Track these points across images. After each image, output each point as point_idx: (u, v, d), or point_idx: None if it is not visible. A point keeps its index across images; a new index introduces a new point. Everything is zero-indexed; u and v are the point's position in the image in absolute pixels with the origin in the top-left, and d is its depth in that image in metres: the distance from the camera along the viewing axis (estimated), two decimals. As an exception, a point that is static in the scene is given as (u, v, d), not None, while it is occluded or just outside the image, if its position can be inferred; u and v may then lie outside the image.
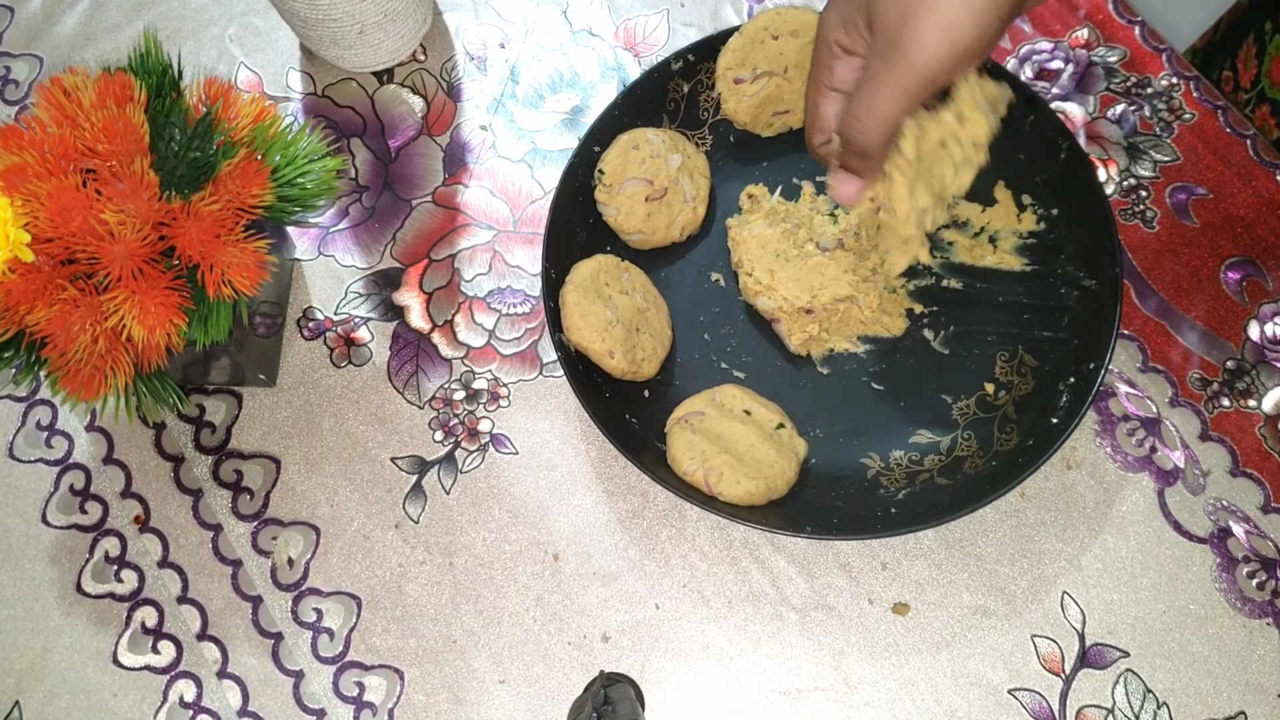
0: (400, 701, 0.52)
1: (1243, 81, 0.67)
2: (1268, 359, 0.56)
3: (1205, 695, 0.51)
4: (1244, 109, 0.67)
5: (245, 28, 0.67)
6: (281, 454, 0.57)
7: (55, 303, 0.44)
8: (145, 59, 0.49)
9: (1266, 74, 0.64)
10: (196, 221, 0.45)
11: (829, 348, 0.57)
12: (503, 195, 0.62)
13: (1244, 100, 0.67)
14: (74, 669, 0.53)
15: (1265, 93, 0.64)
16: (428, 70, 0.65)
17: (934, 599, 0.53)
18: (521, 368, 0.58)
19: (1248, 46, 0.67)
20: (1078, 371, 0.53)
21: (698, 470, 0.51)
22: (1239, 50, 0.68)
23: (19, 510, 0.56)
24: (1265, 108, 0.65)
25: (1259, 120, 0.66)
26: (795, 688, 0.52)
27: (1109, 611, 0.53)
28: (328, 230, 0.61)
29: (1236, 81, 0.68)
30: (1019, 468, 0.50)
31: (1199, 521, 0.54)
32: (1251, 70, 0.66)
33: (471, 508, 0.55)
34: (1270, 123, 0.64)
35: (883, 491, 0.53)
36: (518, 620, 0.53)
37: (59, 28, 0.67)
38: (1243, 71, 0.67)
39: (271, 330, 0.58)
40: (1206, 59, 0.73)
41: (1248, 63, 0.66)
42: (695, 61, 0.59)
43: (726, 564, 0.54)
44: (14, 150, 0.44)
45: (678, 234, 0.58)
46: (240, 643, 0.54)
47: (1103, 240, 0.54)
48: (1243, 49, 0.68)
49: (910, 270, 0.58)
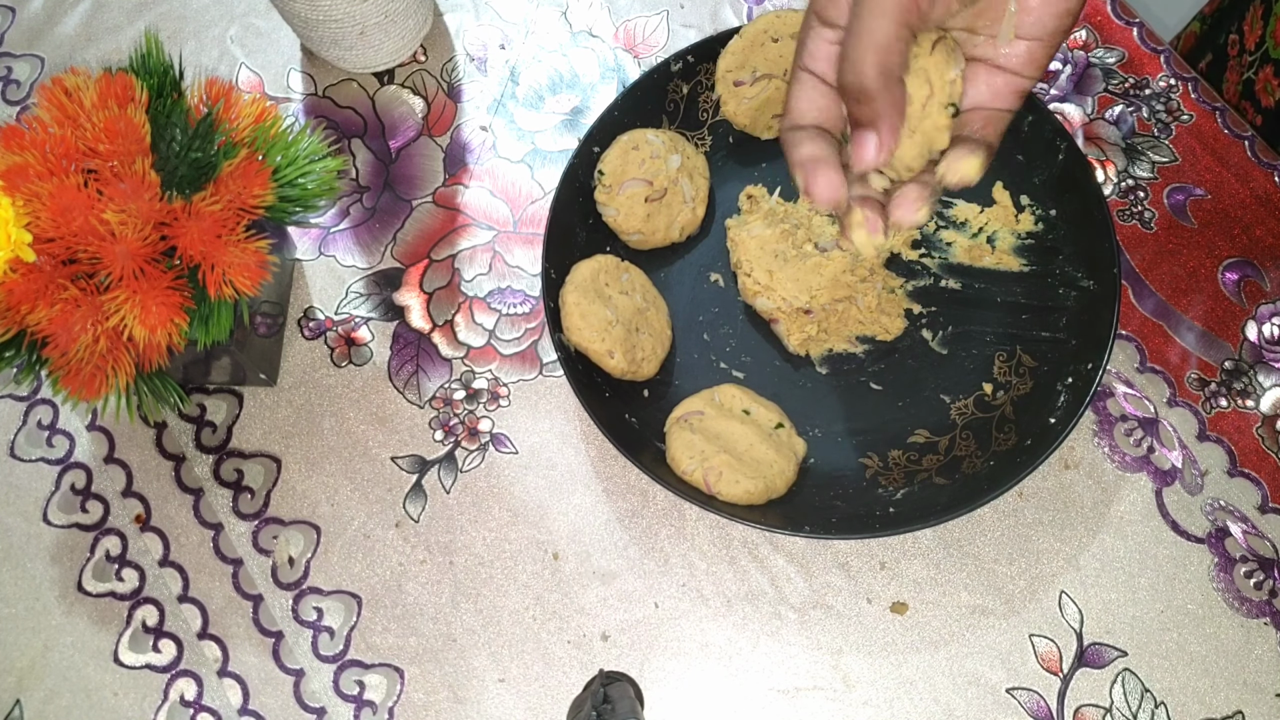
0: (400, 700, 0.52)
1: (1248, 44, 0.67)
2: (1265, 359, 0.57)
3: (1203, 694, 0.51)
4: (1248, 71, 0.66)
5: (246, 28, 0.67)
6: (282, 453, 0.57)
7: (56, 302, 0.44)
8: (146, 59, 0.49)
9: (1271, 34, 0.64)
10: (198, 221, 0.45)
11: (828, 348, 0.57)
12: (503, 196, 0.62)
13: (1248, 63, 0.66)
14: (75, 668, 0.54)
15: (1270, 53, 0.63)
16: (428, 71, 0.65)
17: (932, 598, 0.53)
18: (521, 368, 0.58)
19: (1254, 9, 0.67)
20: (1076, 372, 0.53)
21: (697, 470, 0.51)
22: (1246, 13, 0.68)
23: (20, 509, 0.57)
24: (1268, 68, 0.64)
25: (1260, 82, 0.65)
26: (794, 686, 0.52)
27: (1107, 611, 0.53)
28: (328, 230, 0.62)
29: (1242, 44, 0.67)
30: (1017, 467, 0.50)
31: (1197, 521, 0.54)
32: (1257, 32, 0.65)
33: (471, 507, 0.56)
34: (1273, 83, 0.64)
35: (881, 491, 0.53)
36: (517, 619, 0.54)
37: (60, 28, 0.68)
38: (1248, 34, 0.66)
39: (272, 330, 0.58)
40: (1214, 25, 0.73)
41: (1253, 25, 0.66)
42: (695, 63, 0.59)
43: (725, 563, 0.54)
44: (15, 150, 0.44)
45: (677, 234, 0.58)
46: (241, 641, 0.54)
47: (1101, 241, 0.54)
48: (1249, 12, 0.67)
49: (909, 270, 0.58)
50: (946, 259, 0.58)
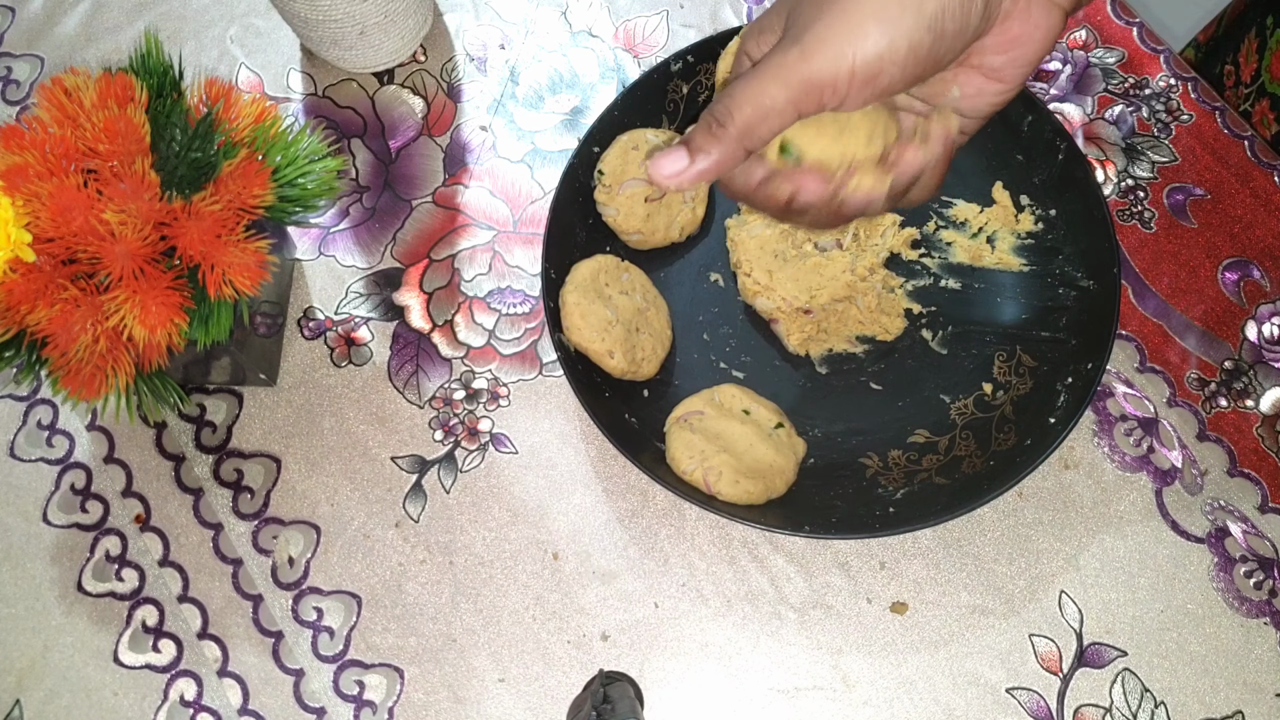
0: (400, 700, 0.52)
1: (1244, 76, 0.67)
2: (1265, 359, 0.57)
3: (1203, 694, 0.51)
4: (1244, 103, 0.67)
5: (246, 28, 0.67)
6: (282, 453, 0.57)
7: (56, 302, 0.44)
8: (146, 59, 0.49)
9: (1267, 69, 0.64)
10: (197, 221, 0.45)
11: (827, 348, 0.57)
12: (503, 196, 0.62)
13: (1244, 95, 0.67)
14: (75, 668, 0.54)
15: (1265, 87, 0.64)
16: (428, 71, 0.65)
17: (932, 598, 0.53)
18: (521, 367, 0.58)
19: (1249, 41, 0.67)
20: (1076, 372, 0.53)
21: (697, 469, 0.51)
22: (1241, 45, 0.68)
23: (20, 509, 0.57)
24: (1265, 102, 0.65)
25: (1258, 115, 0.66)
26: (794, 686, 0.52)
27: (1107, 611, 0.53)
28: (328, 230, 0.62)
29: (1238, 76, 0.68)
30: (1017, 467, 0.50)
31: (1196, 521, 0.54)
32: (1252, 65, 0.66)
33: (471, 507, 0.56)
34: (1269, 117, 0.64)
35: (881, 491, 0.53)
36: (517, 619, 0.54)
37: (60, 28, 0.68)
38: (1244, 66, 0.67)
39: (272, 330, 0.58)
40: (1209, 53, 0.73)
41: (1249, 57, 0.66)
42: (695, 63, 0.59)
43: (725, 563, 0.54)
44: (15, 150, 0.44)
45: (677, 234, 0.58)
46: (241, 641, 0.54)
47: (1101, 241, 0.54)
48: (1244, 44, 0.68)
49: (908, 270, 0.58)
50: (946, 259, 0.58)
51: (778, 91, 0.34)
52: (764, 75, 0.34)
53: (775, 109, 0.35)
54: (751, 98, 0.35)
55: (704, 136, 0.36)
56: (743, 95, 0.35)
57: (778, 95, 0.34)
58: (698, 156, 0.36)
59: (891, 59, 0.34)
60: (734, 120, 0.35)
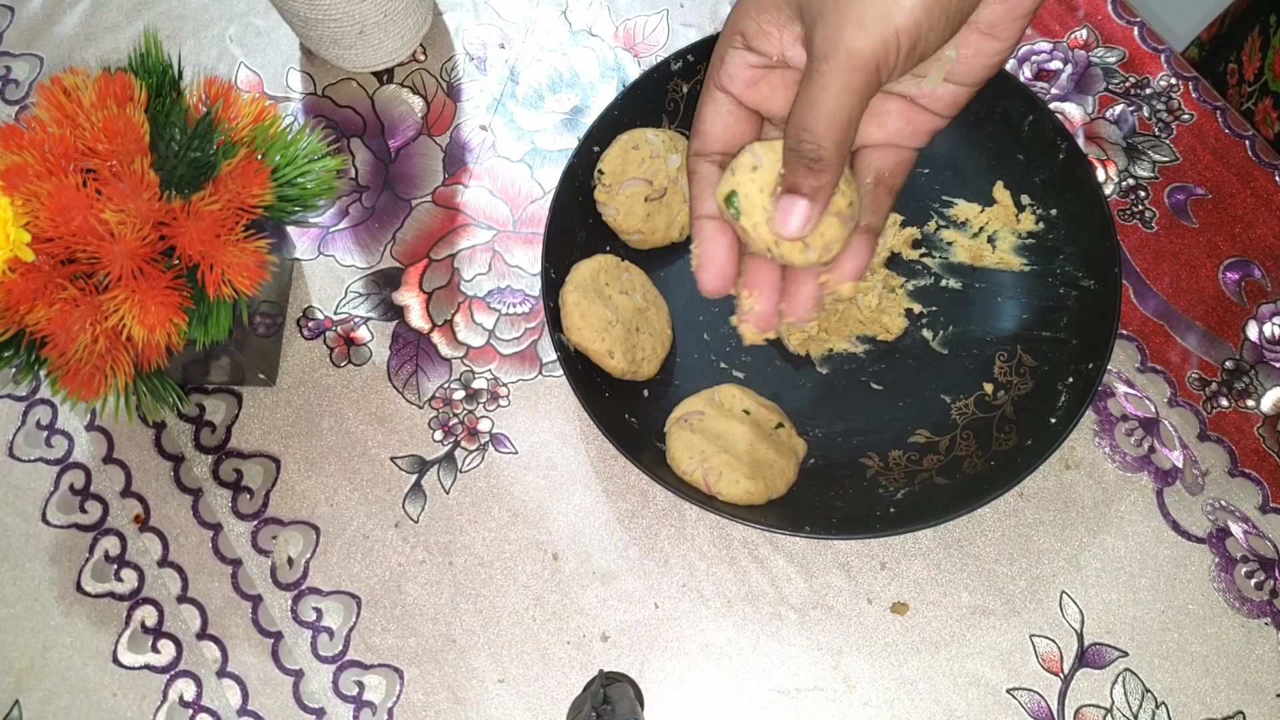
0: (400, 700, 0.52)
1: (1246, 75, 0.67)
2: (1266, 359, 0.57)
3: (1204, 695, 0.51)
4: (1247, 102, 0.67)
5: (245, 28, 0.67)
6: (281, 453, 0.57)
7: (55, 302, 0.44)
8: (145, 59, 0.49)
9: (1270, 67, 0.64)
10: (197, 221, 0.45)
11: (828, 348, 0.57)
12: (502, 195, 0.62)
13: (1247, 93, 0.67)
14: (74, 668, 0.54)
15: (1268, 85, 0.64)
16: (428, 70, 0.65)
17: (933, 598, 0.53)
18: (521, 367, 0.58)
19: (1252, 39, 0.67)
20: (1076, 371, 0.53)
21: (697, 470, 0.51)
22: (1244, 43, 0.68)
23: (19, 509, 0.56)
24: (1267, 101, 0.65)
25: (1260, 114, 0.66)
26: (794, 687, 0.52)
27: (1107, 611, 0.53)
28: (328, 230, 0.62)
29: (1241, 75, 0.68)
30: (1018, 468, 0.50)
31: (1197, 521, 0.54)
32: (1255, 63, 0.66)
33: (471, 507, 0.56)
34: (1272, 115, 0.64)
35: (881, 491, 0.53)
36: (517, 619, 0.53)
37: (59, 27, 0.67)
38: (1247, 64, 0.67)
39: (271, 330, 0.58)
40: (1213, 51, 0.73)
41: (1252, 55, 0.66)
42: (695, 62, 0.59)
43: (725, 563, 0.54)
44: (14, 150, 0.44)
45: (677, 234, 0.58)
46: (240, 642, 0.54)
47: (1101, 240, 0.54)
48: (1248, 42, 0.68)
49: (909, 270, 0.58)
50: (947, 259, 0.58)
51: (847, 100, 0.34)
52: (828, 87, 0.34)
53: (854, 118, 0.35)
54: (826, 117, 0.34)
55: (807, 176, 0.36)
56: (818, 120, 0.35)
57: (853, 106, 0.34)
58: (818, 196, 0.36)
59: (926, 18, 0.34)
60: (825, 148, 0.35)
